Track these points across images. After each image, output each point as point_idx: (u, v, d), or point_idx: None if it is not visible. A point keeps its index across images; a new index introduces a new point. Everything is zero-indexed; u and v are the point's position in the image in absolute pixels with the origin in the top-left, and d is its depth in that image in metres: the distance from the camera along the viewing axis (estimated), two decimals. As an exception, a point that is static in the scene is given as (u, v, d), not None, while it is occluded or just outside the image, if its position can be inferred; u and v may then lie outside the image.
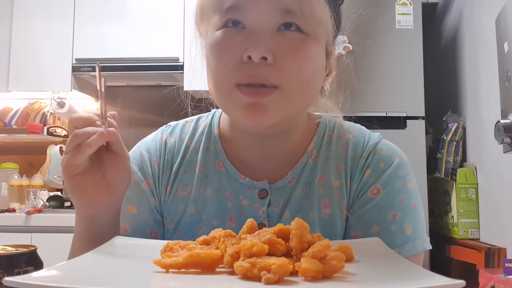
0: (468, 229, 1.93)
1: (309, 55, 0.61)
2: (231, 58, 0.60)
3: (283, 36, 0.60)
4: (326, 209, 0.67)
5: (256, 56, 0.58)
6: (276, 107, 0.60)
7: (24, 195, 2.56)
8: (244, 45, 0.59)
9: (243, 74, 0.59)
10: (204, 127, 0.75)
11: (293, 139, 0.70)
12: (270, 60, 0.58)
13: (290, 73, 0.59)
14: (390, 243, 0.62)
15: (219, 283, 0.44)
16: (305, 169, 0.69)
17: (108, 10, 2.57)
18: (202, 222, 0.69)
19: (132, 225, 0.70)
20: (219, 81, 0.62)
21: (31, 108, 2.73)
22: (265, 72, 0.59)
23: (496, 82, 1.42)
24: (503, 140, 1.26)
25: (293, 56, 0.59)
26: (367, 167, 0.68)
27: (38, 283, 0.38)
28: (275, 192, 0.68)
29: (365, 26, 2.09)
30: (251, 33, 0.60)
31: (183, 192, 0.71)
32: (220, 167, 0.71)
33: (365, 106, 2.04)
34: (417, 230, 0.66)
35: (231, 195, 0.69)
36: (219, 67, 0.61)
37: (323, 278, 0.43)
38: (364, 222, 0.66)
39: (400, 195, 0.67)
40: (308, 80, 0.61)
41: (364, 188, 0.67)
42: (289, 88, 0.60)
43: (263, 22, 0.59)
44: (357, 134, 0.72)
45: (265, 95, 0.59)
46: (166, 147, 0.73)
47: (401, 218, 0.65)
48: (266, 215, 0.67)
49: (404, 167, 0.69)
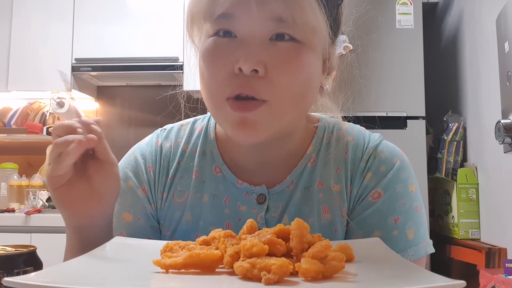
0: (469, 229, 1.93)
1: (303, 65, 0.59)
2: (223, 70, 0.58)
3: (276, 47, 0.58)
4: (326, 215, 0.66)
5: (247, 68, 0.56)
6: (265, 122, 0.58)
7: (23, 195, 2.56)
8: (236, 56, 0.57)
9: (233, 86, 0.57)
10: (200, 131, 0.73)
11: (291, 144, 0.69)
12: (261, 73, 0.57)
13: (280, 86, 0.57)
14: (392, 248, 0.60)
15: (219, 283, 0.44)
16: (304, 173, 0.68)
17: (108, 10, 2.57)
18: (199, 229, 0.67)
19: (128, 233, 0.68)
20: (211, 94, 0.60)
21: (30, 108, 2.73)
22: (255, 85, 0.57)
23: (497, 82, 1.42)
24: (504, 140, 1.26)
25: (285, 68, 0.57)
26: (367, 170, 0.67)
27: (37, 283, 0.38)
28: (274, 197, 0.67)
29: (366, 26, 2.08)
30: (242, 43, 0.58)
31: (179, 199, 0.69)
32: (216, 172, 0.69)
33: (365, 106, 2.03)
34: (419, 234, 0.65)
35: (228, 201, 0.68)
36: (211, 80, 0.60)
37: (323, 278, 0.43)
38: (365, 227, 0.65)
39: (401, 199, 0.65)
40: (299, 93, 0.59)
41: (365, 192, 0.66)
42: (278, 102, 0.58)
43: (254, 32, 0.57)
44: (356, 136, 0.70)
45: (252, 109, 0.57)
46: (162, 152, 0.72)
47: (402, 222, 0.64)
48: (265, 220, 0.66)
49: (406, 169, 0.68)
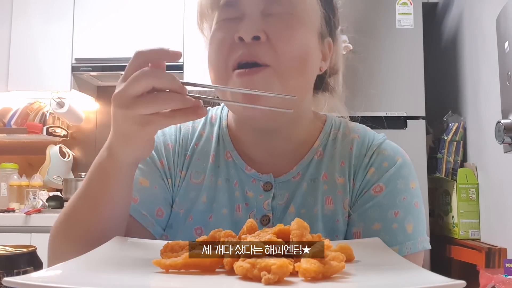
0: (469, 229, 1.93)
1: (299, 35, 0.63)
2: (226, 43, 0.63)
3: (273, 17, 0.63)
4: (329, 205, 0.69)
5: (247, 36, 0.60)
6: (270, 87, 0.61)
7: (23, 195, 2.56)
8: (237, 29, 0.62)
9: (236, 56, 0.62)
10: (215, 119, 0.77)
11: (298, 135, 0.72)
12: (263, 39, 0.61)
13: (281, 52, 0.61)
14: (391, 240, 0.64)
15: (219, 283, 0.44)
16: (310, 166, 0.71)
17: (108, 10, 2.57)
18: (213, 211, 0.70)
19: (141, 197, 0.68)
20: (218, 70, 0.64)
21: (30, 108, 2.73)
22: (257, 50, 0.61)
23: (497, 82, 1.42)
24: (504, 140, 1.26)
25: (283, 35, 0.62)
26: (370, 165, 0.70)
27: (37, 283, 0.38)
28: (280, 186, 0.70)
29: (366, 26, 2.08)
30: (242, 18, 0.63)
31: (196, 180, 0.72)
32: (228, 157, 0.73)
33: (365, 106, 2.03)
34: (418, 229, 0.67)
35: (237, 185, 0.71)
36: (216, 56, 0.64)
37: (323, 278, 0.43)
38: (366, 219, 0.67)
39: (402, 194, 0.68)
40: (300, 59, 0.63)
41: (367, 186, 0.69)
42: (281, 66, 0.62)
43: (252, 7, 0.63)
44: (362, 134, 0.74)
45: (257, 72, 0.61)
46: (180, 133, 0.75)
47: (402, 216, 0.66)
48: (271, 207, 0.69)
49: (407, 167, 0.71)
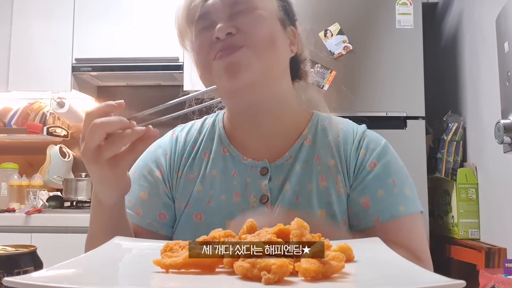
0: (468, 229, 1.93)
1: (264, 21, 0.76)
2: (206, 44, 0.76)
3: (239, 15, 0.75)
4: (323, 182, 0.79)
5: (221, 34, 0.73)
6: (247, 61, 0.73)
7: (23, 195, 2.56)
8: (212, 33, 0.75)
9: (215, 50, 0.74)
10: (210, 123, 0.89)
11: (286, 118, 0.83)
12: (234, 31, 0.74)
13: (252, 33, 0.74)
14: (396, 201, 0.76)
15: (219, 283, 0.44)
16: (302, 150, 0.81)
17: (108, 10, 2.57)
18: (210, 197, 0.80)
19: (144, 209, 0.81)
20: (202, 65, 0.77)
21: (30, 108, 2.73)
22: (232, 40, 0.74)
23: (497, 82, 1.42)
24: (503, 140, 1.26)
25: (251, 23, 0.75)
26: (361, 148, 0.81)
27: (37, 283, 0.38)
28: (275, 169, 0.80)
29: (365, 26, 2.09)
30: (214, 25, 0.75)
31: (191, 175, 0.83)
32: (224, 152, 0.83)
33: (365, 106, 2.04)
34: (414, 193, 0.79)
35: (236, 175, 0.81)
36: (199, 55, 0.77)
37: (323, 278, 0.43)
38: (369, 190, 0.77)
39: (393, 165, 0.79)
40: (269, 36, 0.75)
41: (362, 165, 0.79)
42: (254, 44, 0.74)
43: (220, 14, 0.75)
44: (346, 125, 0.86)
45: (234, 51, 0.73)
46: (177, 141, 0.87)
47: (399, 182, 0.78)
48: (268, 188, 0.79)
49: (390, 148, 0.82)
